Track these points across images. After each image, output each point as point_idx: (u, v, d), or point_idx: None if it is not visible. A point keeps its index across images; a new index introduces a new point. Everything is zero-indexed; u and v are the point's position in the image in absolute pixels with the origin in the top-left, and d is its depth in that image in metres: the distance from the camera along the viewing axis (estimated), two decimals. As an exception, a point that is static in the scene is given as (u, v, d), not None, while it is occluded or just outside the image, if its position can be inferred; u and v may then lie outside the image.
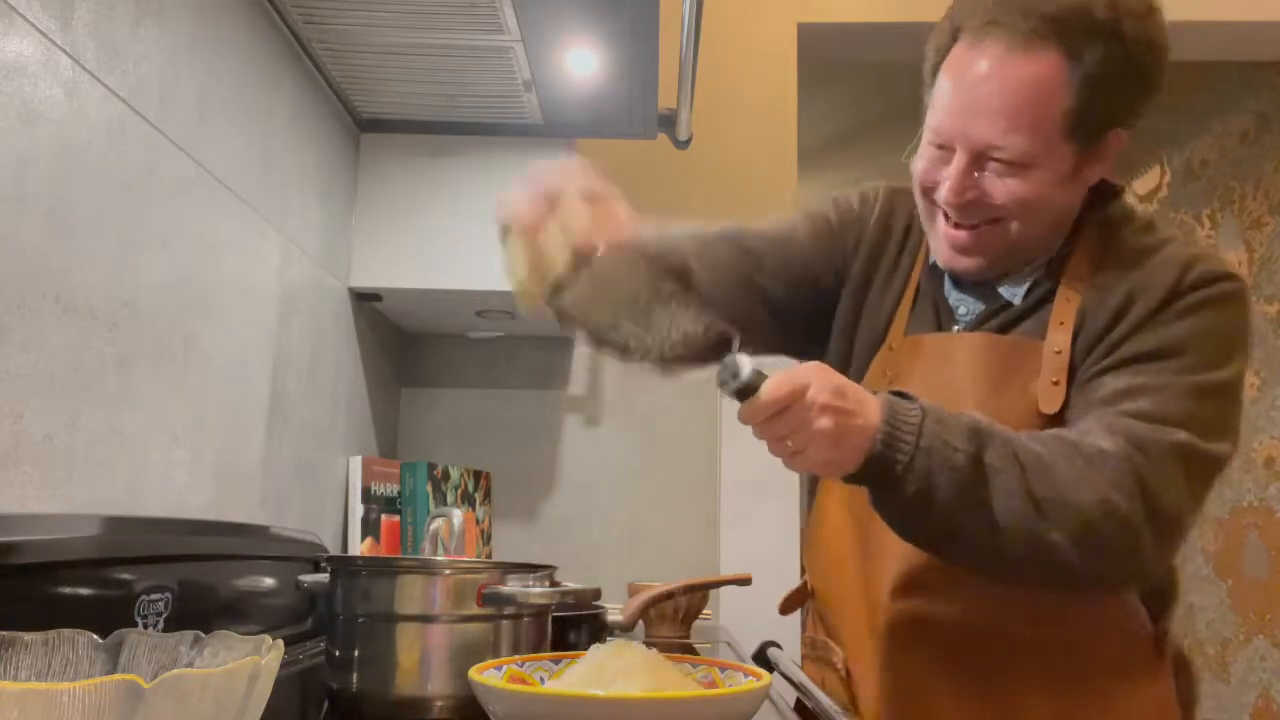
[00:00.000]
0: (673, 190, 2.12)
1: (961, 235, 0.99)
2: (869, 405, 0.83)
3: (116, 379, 1.00)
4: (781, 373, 0.80)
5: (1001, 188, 0.95)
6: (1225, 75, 2.92)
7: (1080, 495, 0.85)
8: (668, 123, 1.72)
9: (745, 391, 0.80)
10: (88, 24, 0.94)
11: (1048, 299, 1.00)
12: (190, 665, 0.57)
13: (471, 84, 1.56)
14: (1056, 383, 0.96)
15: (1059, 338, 0.97)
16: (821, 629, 1.15)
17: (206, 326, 1.20)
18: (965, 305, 1.05)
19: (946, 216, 0.99)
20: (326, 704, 0.88)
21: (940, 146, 0.97)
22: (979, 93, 0.93)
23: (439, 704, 0.83)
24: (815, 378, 0.81)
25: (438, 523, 1.58)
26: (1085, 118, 0.93)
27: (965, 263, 1.01)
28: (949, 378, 1.01)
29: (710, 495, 2.09)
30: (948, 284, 1.07)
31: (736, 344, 0.80)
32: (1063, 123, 0.92)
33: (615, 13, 1.36)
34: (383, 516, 1.80)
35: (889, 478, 0.84)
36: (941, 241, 1.02)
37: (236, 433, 1.30)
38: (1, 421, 0.84)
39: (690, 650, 1.44)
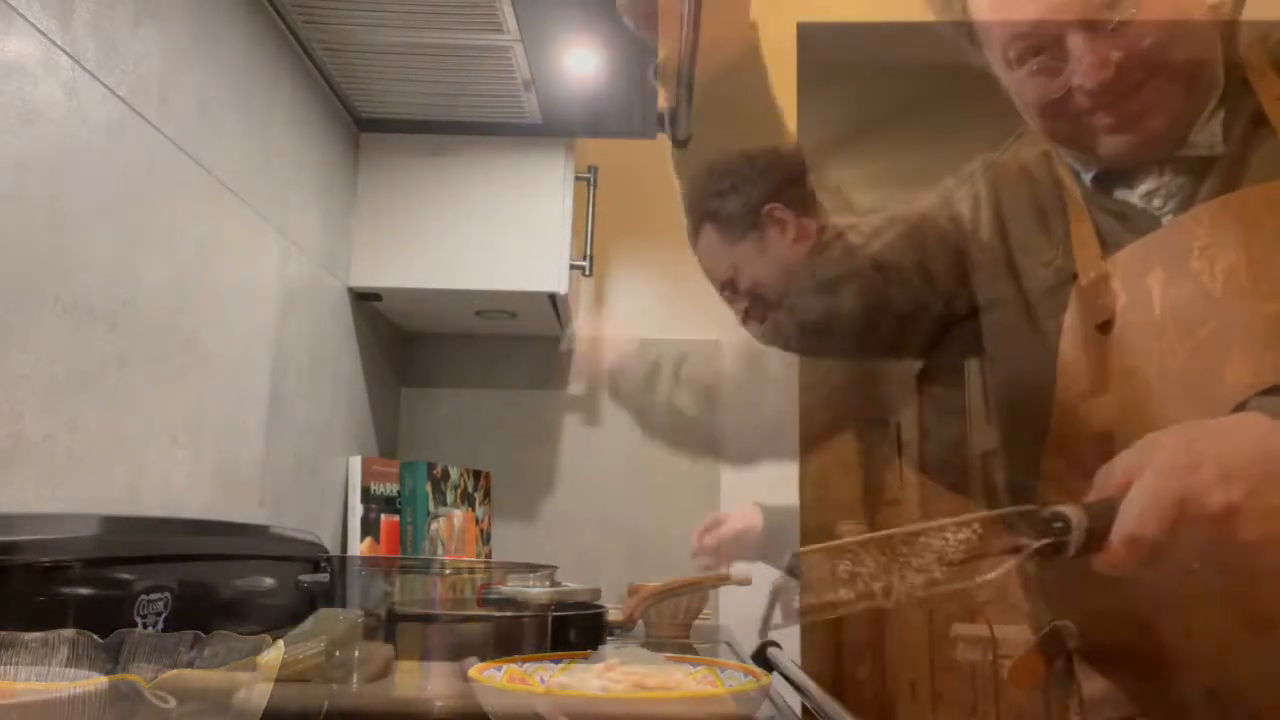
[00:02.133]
0: (673, 190, 2.11)
1: (1127, 107, 0.85)
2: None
3: (116, 379, 1.00)
4: (1129, 500, 0.62)
5: (1138, 25, 0.81)
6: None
7: None
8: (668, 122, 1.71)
9: (1087, 545, 0.63)
10: (88, 24, 0.94)
11: (1264, 133, 0.83)
12: (190, 665, 0.57)
13: (471, 84, 1.56)
14: None
15: None
16: None
17: (206, 326, 1.20)
18: (1158, 196, 0.88)
19: (1093, 112, 0.86)
20: (326, 704, 0.88)
21: (1038, 50, 0.85)
22: None
23: (439, 704, 0.82)
24: (1182, 479, 0.62)
25: (438, 523, 1.58)
26: None
27: (1149, 125, 0.85)
28: (1207, 265, 0.82)
29: (711, 495, 2.09)
30: (1119, 190, 0.90)
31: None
32: None
33: (615, 12, 1.35)
34: (382, 516, 1.80)
35: None
36: (1109, 134, 0.87)
37: (236, 433, 1.30)
38: (1, 421, 0.84)
39: (690, 650, 1.44)
